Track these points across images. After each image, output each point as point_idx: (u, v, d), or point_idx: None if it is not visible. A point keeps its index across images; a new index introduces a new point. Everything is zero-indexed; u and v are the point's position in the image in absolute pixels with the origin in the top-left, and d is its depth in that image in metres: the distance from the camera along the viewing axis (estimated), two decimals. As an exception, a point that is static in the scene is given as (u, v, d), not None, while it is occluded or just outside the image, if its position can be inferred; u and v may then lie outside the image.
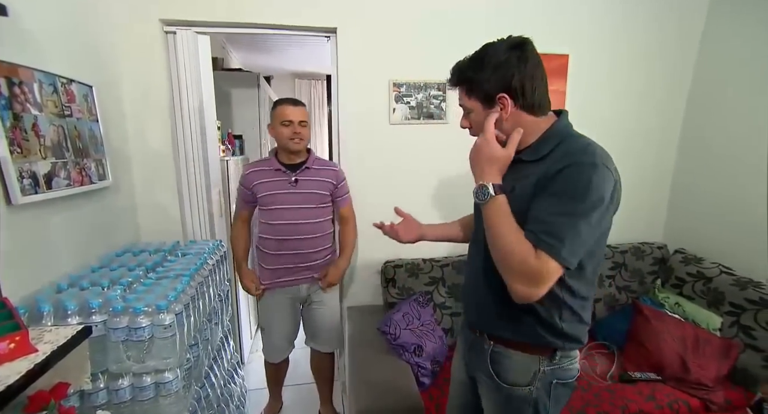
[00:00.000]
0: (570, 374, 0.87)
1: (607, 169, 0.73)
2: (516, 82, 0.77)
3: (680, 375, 1.47)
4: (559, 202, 0.72)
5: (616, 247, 1.98)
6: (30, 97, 1.04)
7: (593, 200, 0.70)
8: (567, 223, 0.70)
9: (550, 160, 0.77)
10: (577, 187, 0.71)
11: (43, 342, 0.83)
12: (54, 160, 1.11)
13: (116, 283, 1.09)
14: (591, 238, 0.74)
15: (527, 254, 0.71)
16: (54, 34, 1.18)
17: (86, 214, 1.29)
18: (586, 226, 0.71)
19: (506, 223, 0.75)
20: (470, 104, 0.84)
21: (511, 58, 0.77)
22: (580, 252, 0.73)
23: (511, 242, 0.73)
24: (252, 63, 3.74)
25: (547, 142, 0.80)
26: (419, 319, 1.61)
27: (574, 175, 0.71)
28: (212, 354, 1.40)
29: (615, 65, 1.95)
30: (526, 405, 0.87)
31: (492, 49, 0.80)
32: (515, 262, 0.72)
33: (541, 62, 0.80)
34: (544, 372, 0.85)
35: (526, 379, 0.86)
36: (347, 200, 1.71)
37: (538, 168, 0.78)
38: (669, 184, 2.12)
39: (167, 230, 1.70)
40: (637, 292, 1.94)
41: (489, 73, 0.79)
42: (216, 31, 1.69)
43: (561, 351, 0.84)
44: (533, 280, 0.71)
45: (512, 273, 0.74)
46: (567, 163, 0.73)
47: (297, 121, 1.52)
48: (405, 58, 1.77)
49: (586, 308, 0.84)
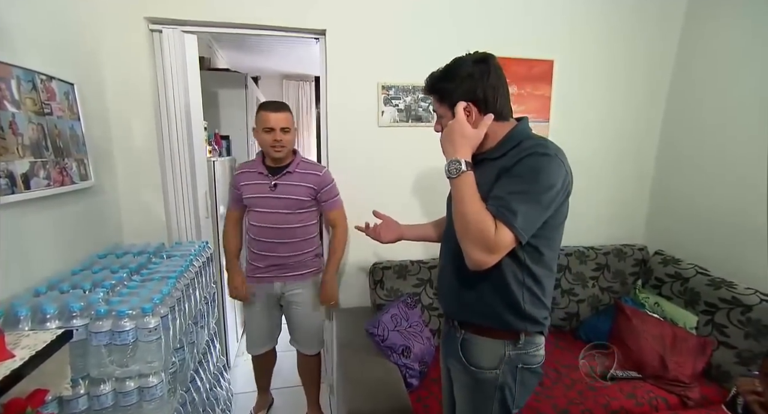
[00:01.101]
0: (535, 360, 0.95)
1: (560, 160, 0.84)
2: (480, 92, 0.88)
3: (659, 372, 1.52)
4: (515, 183, 0.82)
5: (599, 249, 2.03)
6: (7, 94, 1.01)
7: (545, 184, 0.81)
8: (521, 200, 0.80)
9: (510, 155, 0.87)
10: (532, 172, 0.82)
11: (20, 347, 0.80)
12: (33, 159, 1.07)
13: (99, 285, 1.06)
14: (541, 217, 0.83)
15: (488, 224, 0.80)
16: (33, 29, 1.15)
17: (67, 215, 1.26)
18: (536, 204, 0.81)
19: (472, 194, 0.83)
20: (441, 111, 0.94)
21: (475, 72, 0.88)
22: (531, 228, 0.82)
23: (475, 212, 0.82)
24: (239, 63, 3.70)
25: (508, 141, 0.91)
26: (407, 320, 1.62)
27: (530, 163, 0.83)
28: (198, 357, 1.38)
29: (597, 71, 2.00)
30: (492, 387, 0.95)
31: (460, 62, 0.91)
32: (476, 230, 0.81)
33: (503, 75, 0.91)
34: (509, 356, 0.93)
35: (493, 363, 0.94)
36: (335, 204, 1.66)
37: (499, 163, 0.88)
38: (649, 186, 2.19)
39: (152, 231, 1.66)
40: (619, 292, 1.99)
41: (457, 84, 0.89)
42: (203, 30, 1.67)
43: (525, 335, 0.92)
44: (490, 247, 0.80)
45: (472, 240, 0.82)
46: (525, 154, 0.84)
47: (279, 128, 1.49)
48: (394, 60, 1.79)
49: (546, 294, 0.93)
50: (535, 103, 1.97)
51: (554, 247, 0.91)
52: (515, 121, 0.95)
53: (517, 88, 1.93)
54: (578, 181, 2.06)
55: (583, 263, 1.99)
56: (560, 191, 0.83)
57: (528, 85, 1.94)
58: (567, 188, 0.86)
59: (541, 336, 0.95)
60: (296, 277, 1.65)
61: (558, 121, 2.01)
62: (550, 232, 0.88)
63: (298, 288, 1.67)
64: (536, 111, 1.98)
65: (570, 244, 2.04)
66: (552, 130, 2.00)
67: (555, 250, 0.92)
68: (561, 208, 0.87)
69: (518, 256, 0.87)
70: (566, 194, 0.87)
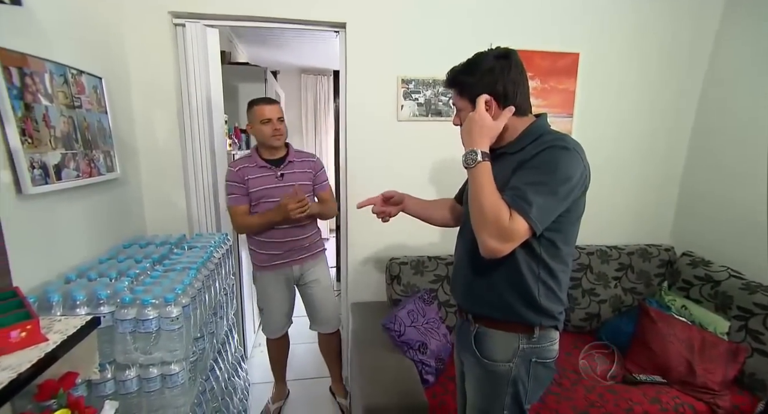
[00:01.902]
0: (550, 355, 0.95)
1: (578, 154, 0.84)
2: (500, 86, 0.88)
3: (686, 378, 1.46)
4: (532, 175, 0.83)
5: (623, 249, 1.97)
6: (41, 87, 1.04)
7: (562, 176, 0.81)
8: (537, 191, 0.81)
9: (528, 150, 0.88)
10: (549, 164, 0.82)
11: (53, 331, 0.83)
12: (64, 151, 1.11)
13: (124, 274, 1.09)
14: (557, 209, 0.83)
15: (503, 212, 0.80)
16: (65, 25, 1.18)
17: (95, 206, 1.30)
18: (552, 196, 0.81)
19: (488, 184, 0.84)
20: (461, 104, 0.95)
21: (496, 66, 0.88)
22: (546, 219, 0.82)
23: (490, 201, 0.82)
24: (259, 57, 3.73)
25: (527, 136, 0.91)
26: (424, 316, 1.61)
27: (547, 155, 0.83)
28: (217, 347, 1.41)
29: (626, 64, 1.92)
30: (504, 380, 0.95)
31: (482, 56, 0.91)
32: (492, 218, 0.81)
33: (524, 71, 0.91)
34: (523, 349, 0.93)
35: (506, 356, 0.94)
36: (326, 187, 1.78)
37: (517, 157, 0.89)
38: (677, 185, 2.10)
39: (173, 223, 1.70)
40: (643, 294, 1.92)
41: (477, 78, 0.90)
42: (225, 24, 1.68)
43: (539, 328, 0.92)
44: (504, 235, 0.80)
45: (487, 228, 0.82)
46: (543, 147, 0.85)
47: (275, 118, 1.60)
48: (414, 54, 1.76)
49: (562, 289, 0.93)
50: (559, 97, 1.91)
51: (570, 242, 0.91)
52: (534, 117, 0.95)
53: (541, 82, 1.88)
54: (601, 179, 2.02)
55: (606, 263, 1.93)
56: (577, 184, 0.83)
57: (552, 79, 1.89)
58: (584, 182, 0.86)
59: (555, 331, 0.95)
60: (310, 258, 1.76)
61: (582, 117, 1.94)
62: (567, 227, 0.89)
63: (313, 267, 1.77)
64: (559, 105, 1.92)
65: (592, 243, 1.98)
66: (575, 125, 1.94)
67: (571, 245, 0.92)
68: (578, 202, 0.88)
69: (534, 250, 0.88)
70: (583, 189, 0.87)
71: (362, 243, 1.90)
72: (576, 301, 1.88)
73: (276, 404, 1.89)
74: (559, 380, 1.51)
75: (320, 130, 4.90)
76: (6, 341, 0.75)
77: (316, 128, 4.89)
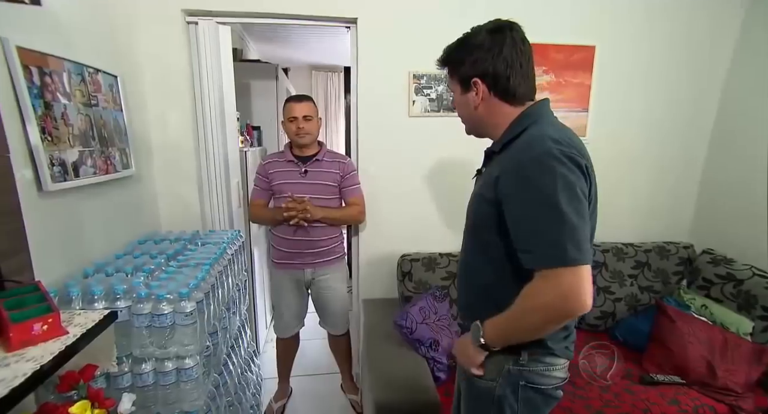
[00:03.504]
0: (546, 382, 0.83)
1: (557, 159, 0.69)
2: (489, 65, 0.77)
3: (706, 379, 1.42)
4: (523, 209, 0.72)
5: (639, 246, 1.92)
6: (59, 86, 1.06)
7: (551, 197, 0.68)
8: (547, 227, 0.68)
9: (510, 153, 0.77)
10: (534, 189, 0.70)
11: (73, 325, 0.85)
12: (81, 148, 1.13)
13: (139, 270, 1.11)
14: (579, 225, 0.69)
15: (541, 307, 0.70)
16: (82, 24, 1.20)
17: (111, 202, 1.32)
18: (559, 218, 0.68)
19: (510, 323, 0.76)
20: (452, 85, 0.87)
21: (487, 42, 0.77)
22: (582, 242, 0.68)
23: (530, 324, 0.73)
24: (270, 54, 3.74)
25: (510, 131, 0.80)
26: (436, 313, 1.60)
27: (523, 180, 0.71)
28: (230, 342, 1.42)
29: (644, 57, 1.87)
30: (489, 398, 0.86)
31: (475, 31, 0.80)
32: (543, 322, 0.71)
33: (526, 50, 0.78)
34: (509, 370, 0.83)
35: (491, 374, 0.85)
36: (355, 192, 1.72)
37: (500, 160, 0.80)
38: (698, 180, 2.04)
39: (187, 219, 1.72)
40: (660, 292, 1.88)
41: (466, 56, 0.80)
42: (237, 20, 1.69)
43: (526, 352, 0.81)
44: (561, 312, 0.69)
45: (554, 321, 0.72)
46: (515, 163, 0.73)
47: (301, 116, 1.60)
48: (426, 49, 1.72)
49: None
50: (574, 91, 1.87)
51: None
52: (530, 105, 0.82)
53: (555, 76, 1.84)
54: (616, 174, 1.97)
55: (621, 260, 1.89)
56: (574, 186, 0.70)
57: (566, 72, 1.84)
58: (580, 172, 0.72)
59: (554, 357, 0.82)
60: (325, 263, 1.73)
61: (597, 111, 1.90)
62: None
63: (327, 273, 1.75)
64: (574, 100, 1.88)
65: (607, 240, 1.94)
66: (591, 120, 1.90)
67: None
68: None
69: (518, 272, 0.75)
70: (584, 174, 0.73)
71: (373, 239, 1.90)
72: (591, 299, 1.85)
73: (279, 403, 1.90)
74: (573, 379, 1.48)
75: (331, 127, 4.91)
76: (29, 334, 0.77)
77: (326, 125, 4.90)
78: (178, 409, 1.04)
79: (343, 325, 1.86)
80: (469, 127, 0.92)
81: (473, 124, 0.89)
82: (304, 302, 1.83)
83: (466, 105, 0.86)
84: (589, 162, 0.74)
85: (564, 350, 0.83)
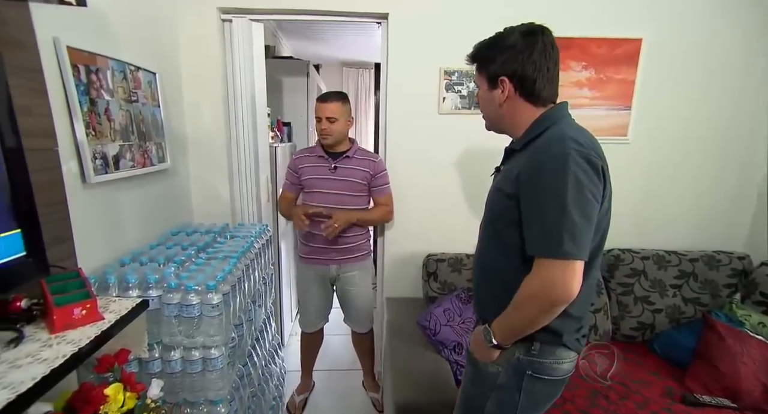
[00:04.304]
0: (553, 373, 0.86)
1: (573, 152, 0.73)
2: (519, 66, 0.81)
3: (761, 404, 1.30)
4: (535, 203, 0.77)
5: (684, 255, 1.78)
6: (104, 83, 1.11)
7: (560, 189, 0.73)
8: (555, 221, 0.74)
9: (530, 151, 0.81)
10: (546, 181, 0.75)
11: (109, 311, 0.89)
12: (122, 142, 1.18)
13: (171, 260, 1.15)
14: (583, 224, 0.74)
15: (530, 295, 0.77)
16: (125, 23, 1.25)
17: (147, 194, 1.38)
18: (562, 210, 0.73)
19: (510, 316, 0.82)
20: (479, 81, 0.91)
21: (519, 44, 0.81)
22: (580, 241, 0.73)
23: (523, 320, 0.80)
24: (302, 51, 3.80)
25: (531, 130, 0.84)
26: (460, 316, 1.56)
27: (539, 175, 0.76)
28: (255, 334, 1.46)
29: (697, 49, 1.72)
30: (490, 383, 0.89)
31: (508, 31, 0.84)
32: (538, 311, 0.77)
33: (554, 54, 0.82)
34: (518, 359, 0.86)
35: (498, 360, 0.87)
36: (384, 192, 1.71)
37: (521, 158, 0.83)
38: (756, 186, 1.86)
39: (218, 212, 1.78)
40: (708, 305, 1.73)
41: (497, 54, 0.84)
42: (270, 18, 1.71)
43: (539, 342, 0.84)
44: (551, 300, 0.75)
45: (546, 311, 0.77)
46: (534, 161, 0.78)
47: (325, 117, 1.58)
48: (457, 44, 1.67)
49: (574, 304, 0.79)
50: (615, 88, 1.75)
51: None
52: (551, 106, 0.87)
53: (595, 72, 1.73)
54: (660, 177, 1.84)
55: (663, 269, 1.76)
56: (586, 183, 0.74)
57: (608, 68, 1.73)
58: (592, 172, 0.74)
59: (566, 349, 0.85)
60: (351, 260, 1.72)
61: (641, 109, 1.77)
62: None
63: (353, 270, 1.74)
64: (616, 97, 1.76)
65: (647, 246, 1.82)
66: (634, 118, 1.77)
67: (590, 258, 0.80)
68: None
69: (531, 265, 0.79)
70: (599, 173, 0.75)
71: (399, 237, 1.88)
72: (626, 308, 1.74)
73: (301, 396, 1.93)
74: (606, 393, 1.40)
75: (361, 123, 4.92)
76: (70, 317, 0.82)
77: (356, 121, 4.92)
78: (203, 397, 1.08)
79: (367, 323, 1.86)
80: (490, 123, 0.96)
81: (495, 121, 0.93)
82: (329, 298, 1.85)
83: (490, 101, 0.89)
84: (606, 163, 0.78)
85: (575, 343, 0.86)
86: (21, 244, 0.78)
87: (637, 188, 1.83)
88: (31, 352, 0.73)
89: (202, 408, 1.08)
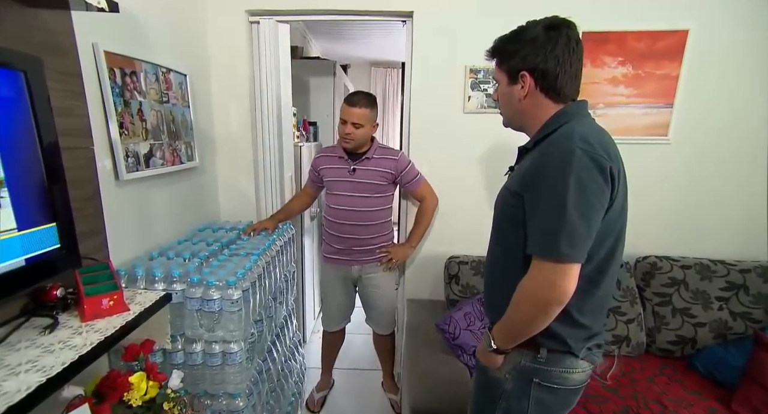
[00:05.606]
0: (562, 382, 0.83)
1: (577, 151, 0.70)
2: (540, 61, 0.78)
3: (817, 433, 1.17)
4: (537, 202, 0.76)
5: (733, 264, 1.64)
6: (137, 85, 1.16)
7: (560, 190, 0.70)
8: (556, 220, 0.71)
9: (537, 152, 0.79)
10: (547, 180, 0.73)
11: (135, 303, 0.93)
12: (152, 141, 1.24)
13: (195, 256, 1.19)
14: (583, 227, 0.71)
15: (524, 295, 0.76)
16: (157, 27, 1.30)
17: (176, 191, 1.43)
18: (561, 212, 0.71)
19: (508, 320, 0.81)
20: (498, 76, 0.88)
21: (541, 38, 0.78)
22: (579, 243, 0.71)
23: (518, 321, 0.79)
24: (331, 51, 3.84)
25: (544, 127, 0.81)
26: (481, 320, 1.52)
27: (541, 172, 0.75)
28: (275, 331, 1.48)
29: (749, 42, 1.57)
30: (497, 391, 0.88)
31: (530, 24, 0.81)
32: (533, 312, 0.76)
33: (578, 50, 0.79)
34: (524, 366, 0.84)
35: (505, 367, 0.86)
36: (419, 183, 1.67)
37: (530, 156, 0.82)
38: (819, 191, 1.68)
39: (243, 210, 1.83)
40: (761, 322, 1.58)
41: (518, 47, 0.80)
42: (295, 19, 1.73)
43: (546, 350, 0.82)
44: (545, 298, 0.73)
45: (541, 312, 0.75)
46: (539, 161, 0.76)
47: (351, 121, 1.54)
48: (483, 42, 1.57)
49: (585, 312, 0.80)
50: (656, 84, 1.64)
51: (594, 256, 0.76)
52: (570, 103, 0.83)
53: (633, 67, 1.62)
54: (705, 180, 1.69)
55: (707, 279, 1.62)
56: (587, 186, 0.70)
57: (648, 63, 1.62)
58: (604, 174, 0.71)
59: (575, 358, 0.82)
60: (373, 261, 1.71)
61: (685, 107, 1.64)
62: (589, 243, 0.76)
63: (375, 272, 1.73)
64: (656, 94, 1.64)
65: (688, 254, 1.69)
66: (676, 117, 1.65)
67: (594, 261, 0.77)
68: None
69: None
70: (611, 180, 0.72)
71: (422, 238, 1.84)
72: (663, 319, 1.62)
73: (321, 393, 1.94)
74: (637, 410, 1.31)
75: (388, 122, 4.93)
76: (99, 307, 0.87)
77: (383, 121, 4.92)
78: (223, 390, 1.11)
79: (389, 325, 1.84)
80: (508, 120, 0.93)
81: (513, 117, 0.90)
82: (351, 298, 1.85)
83: (510, 96, 0.86)
84: (617, 164, 0.74)
85: (586, 352, 0.82)
86: (56, 236, 0.83)
87: (677, 190, 1.70)
88: (63, 339, 0.77)
89: (221, 400, 1.11)
